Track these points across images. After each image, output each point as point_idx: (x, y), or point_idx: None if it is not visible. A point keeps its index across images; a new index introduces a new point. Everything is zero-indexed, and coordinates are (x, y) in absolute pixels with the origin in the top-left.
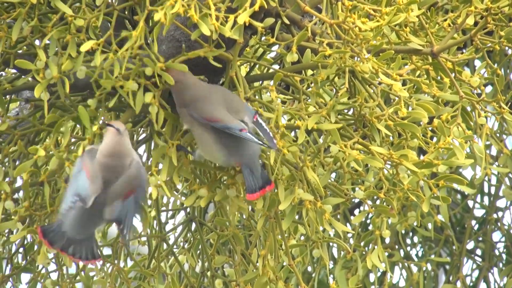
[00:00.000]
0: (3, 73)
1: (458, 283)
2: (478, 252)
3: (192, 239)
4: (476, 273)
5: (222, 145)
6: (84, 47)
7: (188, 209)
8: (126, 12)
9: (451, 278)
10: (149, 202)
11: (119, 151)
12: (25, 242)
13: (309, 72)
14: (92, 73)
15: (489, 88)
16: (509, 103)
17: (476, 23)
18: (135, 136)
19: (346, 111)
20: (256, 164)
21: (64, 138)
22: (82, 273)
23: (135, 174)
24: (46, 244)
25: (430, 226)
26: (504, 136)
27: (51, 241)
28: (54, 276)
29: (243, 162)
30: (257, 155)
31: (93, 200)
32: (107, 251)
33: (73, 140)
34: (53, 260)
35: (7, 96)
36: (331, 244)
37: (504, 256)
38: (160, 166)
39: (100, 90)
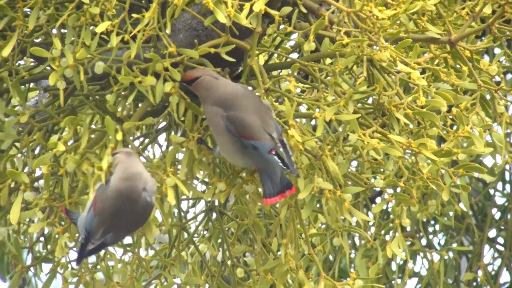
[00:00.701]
0: (22, 62)
1: (480, 272)
2: (500, 240)
3: (212, 228)
4: (498, 262)
5: (244, 152)
6: (100, 28)
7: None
8: (143, 1)
9: (472, 267)
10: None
11: (133, 173)
12: (45, 231)
13: (328, 60)
14: (110, 69)
15: (508, 76)
16: None
17: (494, 12)
18: (154, 126)
19: (365, 100)
20: (275, 169)
21: (82, 139)
22: (102, 263)
23: (145, 210)
24: (69, 220)
25: (451, 214)
26: None
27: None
28: (74, 265)
29: (261, 168)
30: (276, 161)
31: (101, 232)
32: (127, 239)
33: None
34: (74, 249)
35: (26, 85)
36: (352, 232)
37: None
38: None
39: (118, 85)
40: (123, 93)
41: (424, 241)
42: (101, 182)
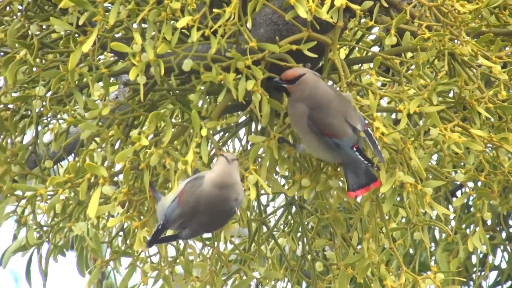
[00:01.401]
0: (102, 57)
1: None
2: None
3: (292, 222)
4: None
5: (329, 147)
6: (180, 23)
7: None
8: None
9: None
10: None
11: (228, 182)
12: (125, 226)
13: (409, 55)
14: (198, 66)
15: None
16: None
17: None
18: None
19: (446, 94)
20: (359, 163)
21: (166, 134)
22: (182, 257)
23: (228, 217)
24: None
25: None
26: None
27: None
28: (153, 259)
29: (345, 161)
30: (358, 158)
31: (178, 224)
32: (207, 234)
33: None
34: None
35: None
36: (432, 226)
37: None
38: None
39: (201, 84)
40: (202, 87)
41: (504, 234)
42: (189, 176)
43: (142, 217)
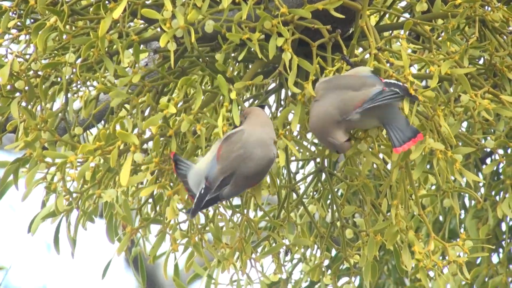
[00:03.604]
0: (132, 24)
1: None
2: None
3: (322, 189)
4: None
5: (369, 113)
6: None
7: (318, 159)
8: None
9: None
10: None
11: (268, 122)
12: (154, 193)
13: (440, 21)
14: (220, 27)
15: None
16: None
17: None
18: (264, 87)
19: (476, 61)
20: (398, 119)
21: (196, 100)
22: (212, 224)
23: (268, 165)
24: (174, 169)
25: None
26: None
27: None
28: (183, 226)
29: (384, 122)
30: (397, 110)
31: (220, 182)
32: (236, 201)
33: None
34: (183, 210)
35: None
36: (462, 193)
37: None
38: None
39: (227, 44)
40: (233, 54)
41: None
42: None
43: (172, 185)
